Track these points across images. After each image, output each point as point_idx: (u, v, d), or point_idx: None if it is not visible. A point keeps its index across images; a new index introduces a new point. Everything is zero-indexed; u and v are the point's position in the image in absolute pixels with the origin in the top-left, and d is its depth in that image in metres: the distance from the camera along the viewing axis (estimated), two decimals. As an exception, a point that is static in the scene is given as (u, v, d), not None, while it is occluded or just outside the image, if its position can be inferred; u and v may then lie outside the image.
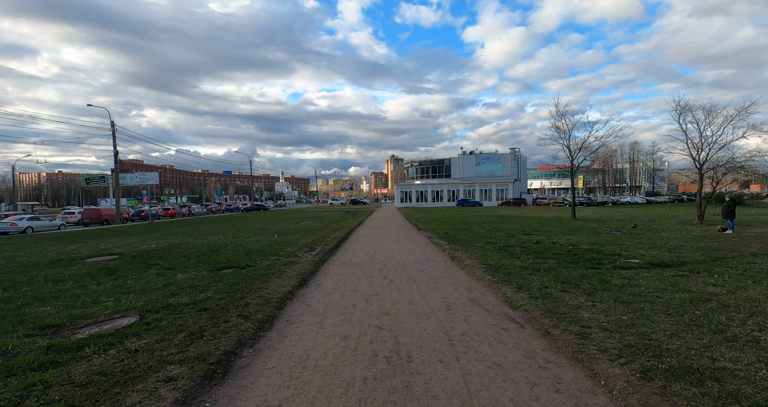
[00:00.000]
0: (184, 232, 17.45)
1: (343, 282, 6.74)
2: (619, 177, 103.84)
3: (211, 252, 9.89)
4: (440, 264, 8.65)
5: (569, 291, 5.39)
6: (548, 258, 8.84)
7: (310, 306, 5.23)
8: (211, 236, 14.93)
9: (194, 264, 8.12)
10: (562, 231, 15.85)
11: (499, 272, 6.97)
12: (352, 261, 9.09)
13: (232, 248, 10.78)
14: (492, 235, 14.23)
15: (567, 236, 13.68)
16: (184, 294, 5.27)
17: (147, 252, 10.03)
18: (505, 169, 64.16)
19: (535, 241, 12.31)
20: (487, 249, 10.57)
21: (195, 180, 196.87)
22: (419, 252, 10.70)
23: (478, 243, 11.85)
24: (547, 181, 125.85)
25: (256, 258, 8.96)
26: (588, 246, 10.69)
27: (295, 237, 13.90)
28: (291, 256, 9.32)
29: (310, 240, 13.07)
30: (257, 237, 14.40)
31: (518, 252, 9.86)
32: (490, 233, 15.14)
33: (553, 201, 53.98)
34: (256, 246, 11.22)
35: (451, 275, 7.25)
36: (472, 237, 13.48)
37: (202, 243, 12.05)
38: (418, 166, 72.30)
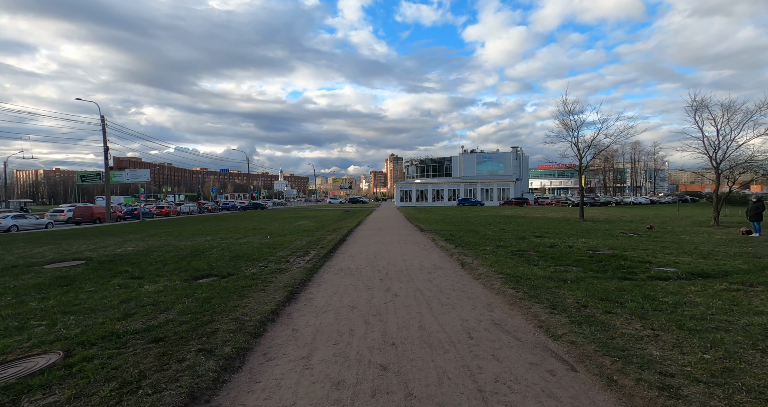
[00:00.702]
0: (171, 233, 16.40)
1: (338, 296, 5.72)
2: (620, 177, 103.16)
3: (192, 257, 8.85)
4: (450, 272, 7.63)
5: (615, 313, 4.38)
6: (570, 266, 7.85)
7: (296, 331, 4.21)
8: (199, 237, 13.88)
9: (169, 272, 7.09)
10: (574, 233, 14.86)
11: (521, 284, 5.96)
12: (350, 269, 8.07)
13: (216, 252, 9.74)
14: (500, 238, 13.23)
15: (581, 239, 12.69)
16: (140, 316, 4.24)
17: (120, 257, 8.99)
18: (507, 168, 63.17)
19: (548, 245, 11.32)
20: (498, 254, 9.57)
21: (193, 178, 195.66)
22: (424, 257, 9.68)
23: (488, 247, 10.85)
24: (548, 180, 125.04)
25: (241, 265, 7.93)
26: (610, 252, 9.70)
27: (288, 239, 12.87)
28: (281, 262, 8.30)
29: (304, 242, 12.04)
30: (248, 238, 13.36)
31: (534, 258, 8.86)
32: (498, 235, 14.14)
33: (556, 200, 53.04)
34: (244, 249, 10.19)
35: (464, 287, 6.23)
36: (480, 240, 12.48)
37: (186, 246, 11.02)
38: (418, 164, 71.27)
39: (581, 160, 22.98)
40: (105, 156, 30.03)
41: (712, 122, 18.73)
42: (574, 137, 22.91)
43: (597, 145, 22.54)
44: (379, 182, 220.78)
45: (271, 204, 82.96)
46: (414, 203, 59.59)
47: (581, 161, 23.04)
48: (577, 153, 22.93)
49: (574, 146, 23.00)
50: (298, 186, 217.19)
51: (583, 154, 22.80)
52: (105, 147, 29.93)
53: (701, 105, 18.90)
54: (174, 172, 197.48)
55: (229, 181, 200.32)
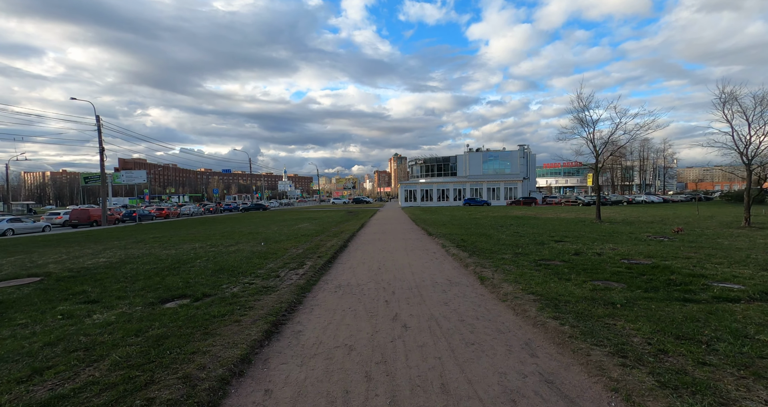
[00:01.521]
0: (161, 238, 15.32)
1: (333, 328, 4.54)
2: (628, 175, 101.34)
3: (170, 271, 7.71)
4: (468, 290, 6.42)
5: (712, 365, 3.16)
6: (610, 281, 6.62)
7: (269, 393, 3.03)
8: (187, 244, 12.77)
9: (134, 293, 5.96)
10: (596, 236, 13.57)
11: (561, 310, 4.75)
12: (349, 285, 6.89)
13: (200, 263, 8.60)
14: (517, 243, 11.99)
15: (608, 244, 11.41)
16: (54, 374, 3.07)
17: (86, 272, 7.85)
18: (514, 167, 61.73)
19: (573, 252, 10.07)
20: (520, 264, 8.35)
21: (198, 179, 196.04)
22: (435, 268, 8.48)
23: (506, 256, 9.63)
24: (553, 179, 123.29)
25: (222, 281, 6.78)
26: (649, 262, 8.43)
27: (284, 246, 11.72)
28: (270, 277, 7.14)
29: (301, 250, 10.88)
30: (240, 245, 12.24)
31: (563, 270, 7.62)
32: (513, 240, 12.89)
33: (565, 200, 51.51)
34: (231, 260, 9.04)
35: (490, 314, 5.02)
36: (495, 246, 11.25)
37: (168, 256, 9.89)
38: (423, 163, 69.98)
39: (597, 157, 21.63)
40: (101, 157, 29.12)
41: (742, 115, 17.36)
42: (590, 133, 21.56)
43: (615, 142, 21.18)
44: (383, 182, 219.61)
45: (277, 204, 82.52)
46: (419, 203, 58.34)
47: (597, 159, 21.69)
48: (593, 150, 21.58)
49: (590, 143, 21.66)
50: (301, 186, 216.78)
51: (599, 151, 21.45)
52: (101, 148, 29.02)
53: (730, 97, 17.52)
54: (179, 172, 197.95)
55: (233, 181, 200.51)
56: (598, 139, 21.62)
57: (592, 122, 21.55)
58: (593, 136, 21.49)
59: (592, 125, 21.49)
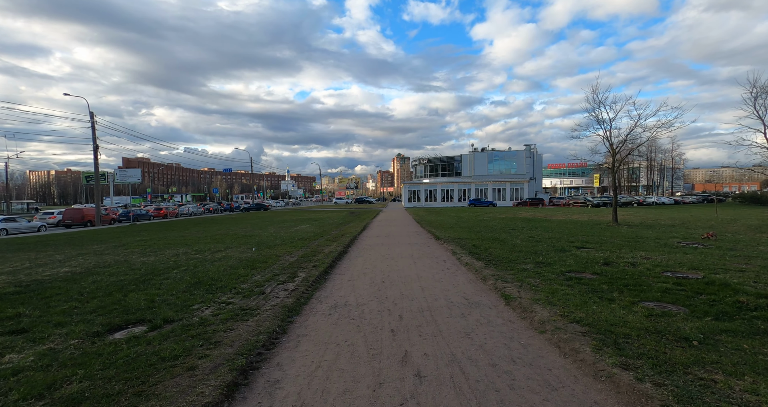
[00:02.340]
0: (146, 241, 14.23)
1: (322, 378, 3.38)
2: (635, 175, 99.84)
3: (137, 285, 6.58)
4: (493, 314, 5.24)
5: None
6: (665, 303, 5.42)
7: None
8: (171, 249, 11.64)
9: (80, 316, 4.83)
10: (620, 242, 12.34)
11: (625, 351, 3.57)
12: (347, 305, 5.72)
13: (176, 274, 7.46)
14: (535, 250, 10.78)
15: (639, 252, 10.18)
16: None
17: (36, 286, 6.66)
18: (520, 167, 60.37)
19: (602, 261, 8.86)
20: (546, 277, 7.15)
21: (201, 178, 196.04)
22: (448, 282, 7.29)
23: (527, 265, 8.43)
24: (558, 179, 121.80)
25: (195, 300, 5.64)
26: (698, 276, 7.20)
27: (277, 253, 10.57)
28: (253, 294, 5.98)
29: (295, 257, 9.72)
30: (229, 251, 11.11)
31: (601, 286, 6.42)
32: (530, 246, 11.69)
33: (574, 201, 50.11)
34: (213, 270, 7.89)
35: (530, 355, 3.83)
36: (512, 254, 10.05)
37: (144, 265, 8.77)
38: (427, 163, 68.76)
39: (614, 155, 20.35)
40: (94, 154, 28.14)
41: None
42: (606, 131, 20.29)
43: (635, 139, 19.89)
44: (386, 182, 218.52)
45: (283, 203, 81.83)
46: (422, 203, 57.13)
47: (614, 157, 20.40)
48: (610, 148, 20.31)
49: (606, 141, 20.39)
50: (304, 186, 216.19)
51: (617, 149, 20.18)
52: (94, 145, 28.05)
53: (763, 91, 16.24)
54: (182, 172, 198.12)
55: (236, 181, 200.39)
56: (615, 137, 20.39)
57: (609, 119, 20.31)
58: (609, 133, 20.25)
59: (608, 122, 20.26)
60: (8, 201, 60.84)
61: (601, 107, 20.44)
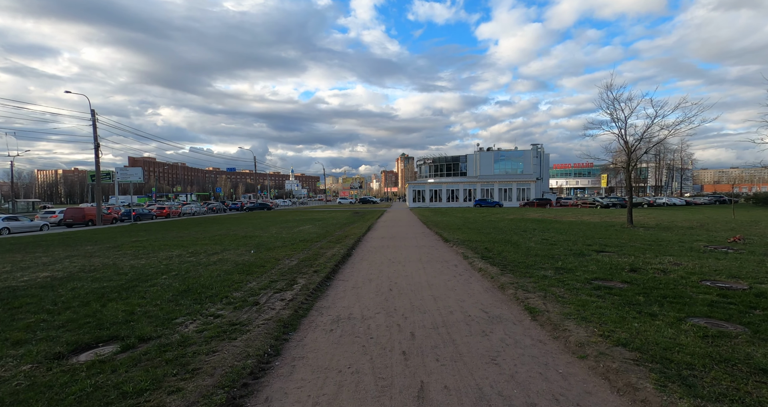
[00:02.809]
0: (141, 243, 13.66)
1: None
2: (643, 176, 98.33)
3: (118, 293, 5.96)
4: (519, 332, 4.54)
5: None
6: (717, 320, 4.70)
7: None
8: (165, 251, 11.05)
9: (46, 332, 4.22)
10: (641, 246, 11.58)
11: (697, 390, 2.87)
12: (351, 318, 5.06)
13: (164, 281, 6.84)
14: (552, 254, 10.06)
15: (665, 257, 9.43)
16: None
17: (7, 294, 5.96)
18: (527, 167, 59.41)
19: (628, 267, 8.13)
20: (571, 285, 6.45)
21: (206, 178, 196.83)
22: (463, 290, 6.60)
23: (547, 271, 7.73)
24: (563, 180, 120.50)
25: (180, 312, 5.01)
26: (743, 286, 6.45)
27: (277, 255, 9.94)
28: (246, 305, 5.34)
29: (295, 261, 9.07)
30: (227, 253, 10.50)
31: (637, 298, 5.69)
32: (545, 249, 10.96)
33: (582, 201, 49.09)
34: (206, 276, 7.26)
35: (574, 391, 3.14)
36: (528, 258, 9.34)
37: (132, 268, 8.16)
38: (432, 163, 67.97)
39: (630, 154, 19.50)
40: (95, 153, 27.75)
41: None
42: (621, 129, 19.45)
43: (651, 138, 19.02)
44: (389, 182, 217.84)
45: (290, 203, 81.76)
46: (427, 204, 56.38)
47: (630, 157, 19.56)
48: (625, 147, 19.48)
49: (621, 139, 19.55)
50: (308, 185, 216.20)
51: (633, 147, 19.33)
52: (95, 144, 27.66)
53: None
54: (187, 171, 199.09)
55: (241, 180, 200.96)
56: (631, 135, 19.55)
57: (624, 117, 19.48)
58: (625, 132, 19.41)
59: (623, 120, 19.43)
60: (13, 199, 60.96)
61: (615, 104, 19.63)
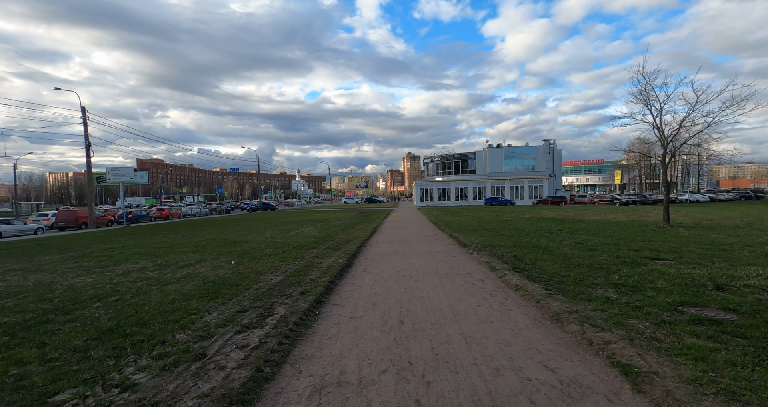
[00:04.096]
0: (114, 250, 12.00)
1: None
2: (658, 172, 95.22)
3: (14, 334, 4.21)
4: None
5: None
6: None
7: None
8: (130, 263, 9.30)
9: None
10: (700, 251, 9.59)
11: None
12: (341, 383, 3.24)
13: (94, 312, 5.06)
14: (598, 263, 8.14)
15: (745, 266, 7.45)
16: None
17: None
18: (539, 164, 57.06)
19: (710, 284, 6.19)
20: (656, 316, 4.56)
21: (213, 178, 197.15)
22: (504, 325, 4.73)
23: (607, 291, 5.82)
24: (573, 177, 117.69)
25: (78, 375, 3.24)
26: None
27: (260, 267, 8.17)
28: (184, 359, 3.54)
29: (280, 276, 7.27)
30: (201, 265, 8.76)
31: None
32: (586, 256, 9.04)
33: (599, 198, 46.67)
34: (155, 302, 5.48)
35: None
36: (570, 269, 7.43)
37: (65, 291, 6.39)
38: (439, 161, 65.91)
39: (666, 146, 17.39)
40: (87, 152, 26.34)
41: None
42: (656, 117, 17.33)
43: (691, 127, 16.85)
44: (396, 181, 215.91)
45: (304, 202, 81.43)
46: (435, 203, 54.40)
47: (666, 149, 17.44)
48: (661, 137, 17.36)
49: (656, 129, 17.44)
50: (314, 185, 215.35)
51: (670, 138, 17.22)
52: (86, 142, 26.24)
53: None
54: (195, 172, 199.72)
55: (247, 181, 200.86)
56: (666, 124, 17.42)
57: (660, 104, 17.35)
58: (660, 120, 17.29)
59: (658, 107, 17.30)
60: (16, 202, 60.41)
61: (648, 90, 17.52)
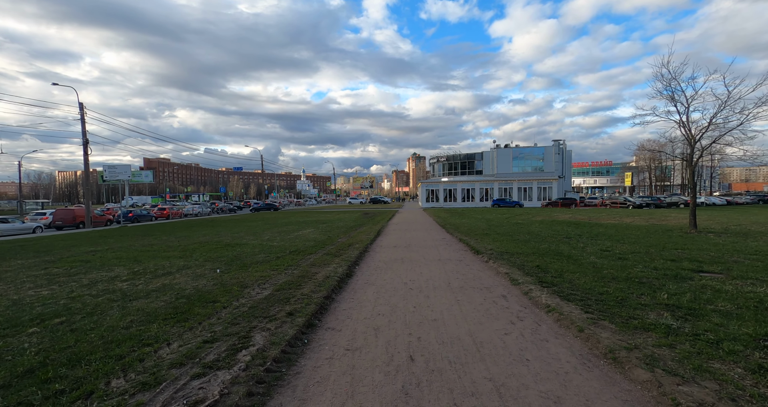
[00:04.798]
0: (95, 254, 11.10)
1: None
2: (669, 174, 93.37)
3: None
4: None
5: None
6: None
7: None
8: (104, 270, 8.28)
9: None
10: (747, 262, 8.42)
11: None
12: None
13: (27, 339, 4.04)
14: (635, 276, 7.02)
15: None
16: None
17: None
18: (548, 165, 55.65)
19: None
20: (754, 361, 3.46)
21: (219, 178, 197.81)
22: (544, 366, 3.65)
23: (662, 317, 4.71)
24: (580, 178, 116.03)
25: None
26: None
27: (247, 278, 7.16)
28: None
29: (268, 290, 6.24)
30: (182, 273, 7.78)
31: None
32: (617, 266, 7.92)
33: (611, 201, 45.18)
34: (109, 324, 4.48)
35: None
36: (607, 284, 6.32)
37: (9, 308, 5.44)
38: (445, 161, 64.71)
39: (693, 144, 16.12)
40: (84, 149, 25.61)
41: None
42: (683, 115, 16.10)
43: (723, 125, 15.57)
44: (401, 181, 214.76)
45: (315, 202, 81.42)
46: (441, 203, 53.21)
47: (693, 147, 16.18)
48: (688, 135, 16.12)
49: (682, 127, 16.20)
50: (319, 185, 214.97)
51: (698, 137, 15.96)
52: (84, 140, 25.52)
53: None
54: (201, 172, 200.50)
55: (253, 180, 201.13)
56: (692, 122, 16.17)
57: (686, 99, 16.11)
58: (687, 117, 16.04)
59: (685, 104, 16.07)
60: (20, 200, 60.25)
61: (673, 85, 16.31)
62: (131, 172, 60.03)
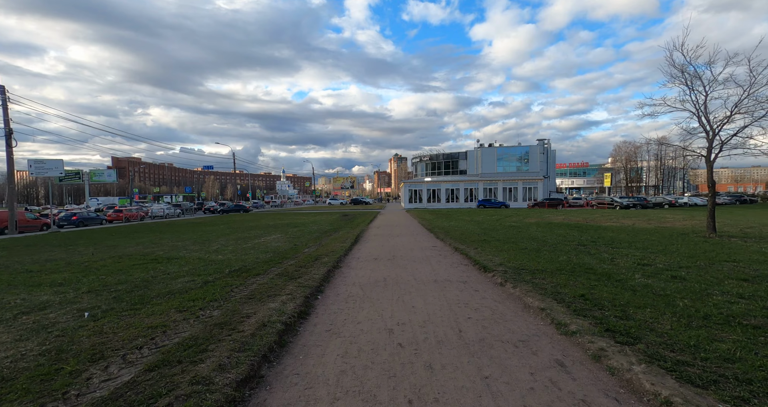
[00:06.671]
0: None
1: None
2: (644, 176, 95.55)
3: None
4: None
5: None
6: None
7: None
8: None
9: None
10: None
11: None
12: None
13: None
14: (718, 305, 4.63)
15: None
16: None
17: None
18: (533, 165, 54.42)
19: None
20: None
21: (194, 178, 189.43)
22: None
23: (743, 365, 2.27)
24: (559, 179, 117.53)
25: None
26: None
27: (121, 334, 4.35)
28: None
29: (136, 366, 3.47)
30: (30, 318, 4.90)
31: None
32: (690, 294, 5.55)
33: (598, 201, 44.16)
34: None
35: None
36: (700, 331, 3.86)
37: None
38: (428, 161, 62.61)
39: (713, 138, 14.26)
40: (7, 141, 21.61)
41: None
42: (701, 103, 14.25)
43: (746, 114, 13.75)
44: (382, 182, 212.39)
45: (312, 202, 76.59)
46: (425, 204, 50.99)
47: (712, 141, 14.31)
48: (707, 126, 14.25)
49: (700, 117, 14.33)
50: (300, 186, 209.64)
51: (717, 128, 14.11)
52: (7, 129, 21.54)
53: None
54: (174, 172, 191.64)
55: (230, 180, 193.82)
56: (711, 112, 14.31)
57: (704, 87, 14.26)
58: (705, 108, 14.18)
59: (703, 91, 14.21)
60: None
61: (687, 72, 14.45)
62: (98, 171, 54.38)
